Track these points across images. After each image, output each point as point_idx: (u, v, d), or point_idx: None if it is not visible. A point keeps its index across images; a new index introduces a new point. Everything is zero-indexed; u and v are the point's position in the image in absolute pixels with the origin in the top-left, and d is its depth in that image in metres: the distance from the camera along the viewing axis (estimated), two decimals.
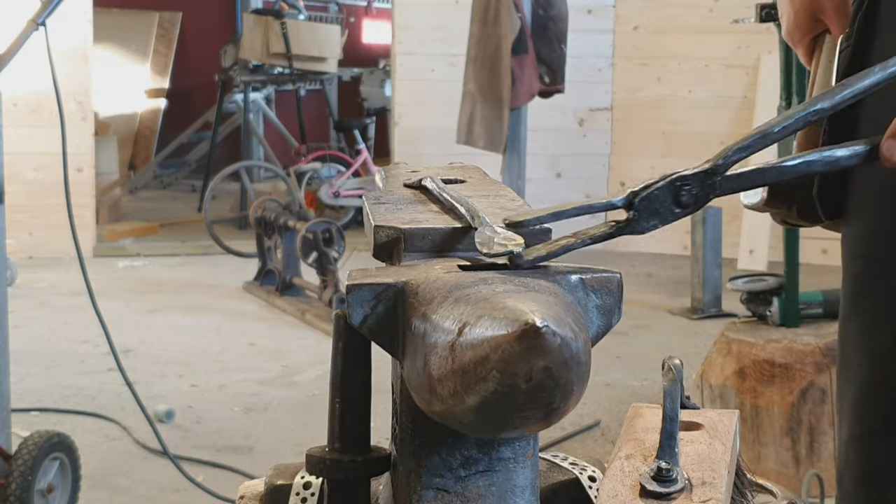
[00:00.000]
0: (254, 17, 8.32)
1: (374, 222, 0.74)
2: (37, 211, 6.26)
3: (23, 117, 6.13)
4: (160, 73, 9.44)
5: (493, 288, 0.61)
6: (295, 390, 4.03)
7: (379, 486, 0.80)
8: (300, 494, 0.80)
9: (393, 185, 0.90)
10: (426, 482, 0.69)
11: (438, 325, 0.59)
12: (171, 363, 4.34)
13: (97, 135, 7.27)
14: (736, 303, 3.64)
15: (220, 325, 4.97)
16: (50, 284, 5.73)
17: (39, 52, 2.71)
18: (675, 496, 0.70)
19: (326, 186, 7.23)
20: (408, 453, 0.69)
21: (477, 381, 0.56)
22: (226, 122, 8.87)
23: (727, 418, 0.80)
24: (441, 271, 0.66)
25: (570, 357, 0.55)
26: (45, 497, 2.58)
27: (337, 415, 0.75)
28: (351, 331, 0.72)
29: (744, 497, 0.80)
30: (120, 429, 3.55)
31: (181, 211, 8.28)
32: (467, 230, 0.73)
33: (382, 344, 0.65)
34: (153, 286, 5.86)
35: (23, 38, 2.65)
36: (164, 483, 3.11)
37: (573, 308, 0.63)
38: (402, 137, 6.82)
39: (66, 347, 4.52)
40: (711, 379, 3.10)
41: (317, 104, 9.47)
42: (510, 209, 0.79)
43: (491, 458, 0.69)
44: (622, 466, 0.73)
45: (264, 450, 3.40)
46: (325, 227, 5.11)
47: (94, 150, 6.71)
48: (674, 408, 0.72)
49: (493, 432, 0.62)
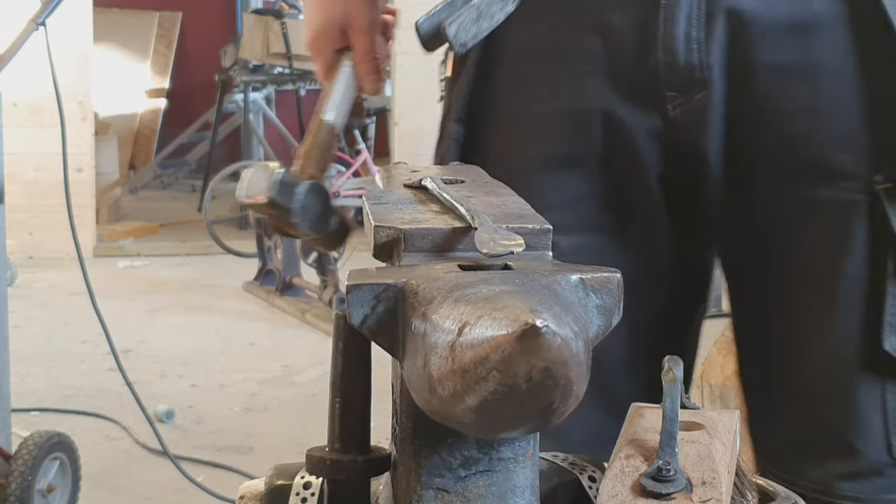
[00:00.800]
0: (254, 17, 8.31)
1: (374, 222, 0.74)
2: (37, 211, 6.26)
3: (23, 117, 6.13)
4: (160, 73, 9.44)
5: (493, 288, 0.61)
6: (295, 390, 4.03)
7: (379, 486, 0.80)
8: (300, 494, 0.80)
9: (393, 185, 0.90)
10: (426, 482, 0.69)
11: (438, 325, 0.59)
12: (171, 363, 4.33)
13: (97, 135, 7.27)
14: None
15: (220, 325, 4.97)
16: (50, 284, 5.73)
17: (39, 52, 2.71)
18: (675, 496, 0.70)
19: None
20: (408, 453, 0.69)
21: (477, 381, 0.56)
22: (226, 122, 8.86)
23: (727, 418, 0.80)
24: (441, 271, 0.66)
25: (570, 357, 0.55)
26: (45, 497, 2.58)
27: (337, 415, 0.75)
28: (351, 331, 0.72)
29: (744, 497, 0.80)
30: (120, 429, 3.55)
31: (181, 211, 8.27)
32: (467, 230, 0.73)
33: (382, 344, 0.65)
34: (153, 286, 5.86)
35: (23, 38, 2.65)
36: (164, 483, 3.11)
37: (573, 308, 0.63)
38: (402, 137, 6.82)
39: (66, 347, 4.52)
40: (711, 379, 3.10)
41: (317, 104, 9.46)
42: (511, 209, 0.79)
43: (491, 458, 0.69)
44: (622, 466, 0.73)
45: (264, 450, 3.40)
46: None
47: (94, 150, 6.71)
48: (674, 408, 0.72)
49: (493, 432, 0.62)
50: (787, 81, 1.07)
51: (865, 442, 1.07)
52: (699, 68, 1.08)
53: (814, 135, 1.07)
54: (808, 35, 1.06)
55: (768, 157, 1.10)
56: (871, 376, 1.07)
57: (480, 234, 0.69)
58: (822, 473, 1.07)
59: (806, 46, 1.06)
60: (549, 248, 0.73)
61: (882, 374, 1.07)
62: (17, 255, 5.85)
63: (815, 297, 1.09)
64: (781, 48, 1.07)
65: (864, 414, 1.07)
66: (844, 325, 1.07)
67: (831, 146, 1.07)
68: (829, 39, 1.06)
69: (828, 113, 1.07)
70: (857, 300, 1.06)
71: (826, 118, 1.07)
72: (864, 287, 1.06)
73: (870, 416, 1.07)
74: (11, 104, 5.84)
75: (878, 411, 1.06)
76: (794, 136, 1.08)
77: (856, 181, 1.07)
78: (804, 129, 1.07)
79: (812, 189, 1.09)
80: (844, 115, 1.07)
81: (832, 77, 1.06)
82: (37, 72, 4.47)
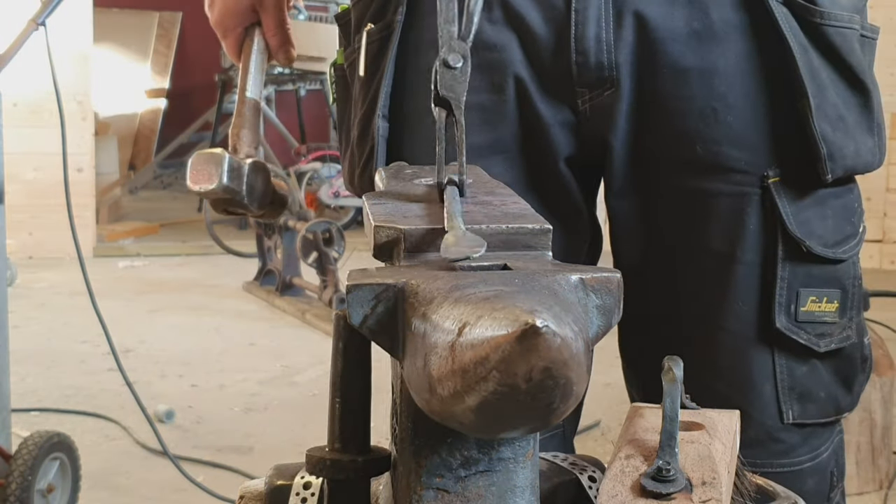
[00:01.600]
0: None
1: (374, 222, 0.74)
2: (37, 211, 6.26)
3: (23, 117, 6.13)
4: (160, 73, 9.44)
5: (493, 288, 0.61)
6: (295, 390, 4.03)
7: (379, 486, 0.80)
8: (300, 494, 0.80)
9: (393, 184, 0.90)
10: (426, 482, 0.69)
11: (438, 325, 0.59)
12: (171, 363, 4.34)
13: (97, 135, 7.27)
14: None
15: (220, 325, 4.97)
16: (50, 284, 5.73)
17: (39, 52, 2.71)
18: (675, 496, 0.70)
19: (326, 186, 7.22)
20: (408, 453, 0.69)
21: (477, 381, 0.56)
22: (226, 122, 8.85)
23: (727, 418, 0.80)
24: (441, 271, 0.66)
25: (570, 357, 0.55)
26: (45, 497, 2.58)
27: (337, 415, 0.75)
28: (351, 331, 0.72)
29: (744, 497, 0.80)
30: (120, 429, 3.55)
31: (181, 211, 8.28)
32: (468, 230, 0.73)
33: (382, 344, 0.65)
34: (153, 286, 5.86)
35: (23, 38, 2.65)
36: (165, 483, 3.11)
37: (573, 308, 0.63)
38: None
39: (66, 347, 4.52)
40: None
41: (317, 104, 9.47)
42: (510, 209, 0.79)
43: (491, 458, 0.69)
44: (622, 466, 0.73)
45: (264, 450, 3.40)
46: (325, 227, 5.11)
47: (94, 150, 6.71)
48: (674, 408, 0.72)
49: (493, 432, 0.62)
50: (687, 83, 1.15)
51: (760, 410, 1.17)
52: (608, 68, 1.16)
53: (711, 133, 1.16)
54: (706, 41, 1.15)
55: (669, 152, 1.18)
56: (763, 351, 1.17)
57: (446, 238, 0.70)
58: None
59: (704, 52, 1.15)
60: (548, 248, 0.73)
61: (772, 348, 1.17)
62: (17, 255, 5.85)
63: (713, 281, 1.18)
64: (682, 52, 1.15)
65: (757, 385, 1.17)
66: (740, 306, 1.17)
67: (726, 144, 1.16)
68: (725, 46, 1.15)
69: (723, 113, 1.15)
70: (750, 283, 1.16)
71: (721, 118, 1.15)
72: (756, 271, 1.16)
73: (762, 387, 1.17)
74: (11, 104, 5.85)
75: (770, 381, 1.17)
76: (693, 133, 1.16)
77: (748, 175, 1.16)
78: (702, 128, 1.16)
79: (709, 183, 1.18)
80: (739, 115, 1.15)
81: (728, 81, 1.15)
82: (37, 72, 4.48)
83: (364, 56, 1.21)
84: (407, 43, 1.19)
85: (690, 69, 1.15)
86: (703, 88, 1.15)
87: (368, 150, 1.22)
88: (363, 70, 1.22)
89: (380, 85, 1.20)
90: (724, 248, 1.17)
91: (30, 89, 5.89)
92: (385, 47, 1.19)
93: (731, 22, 1.14)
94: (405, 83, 1.20)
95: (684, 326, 1.20)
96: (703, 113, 1.15)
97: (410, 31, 1.19)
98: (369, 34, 1.21)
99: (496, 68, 1.18)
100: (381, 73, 1.20)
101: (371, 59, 1.21)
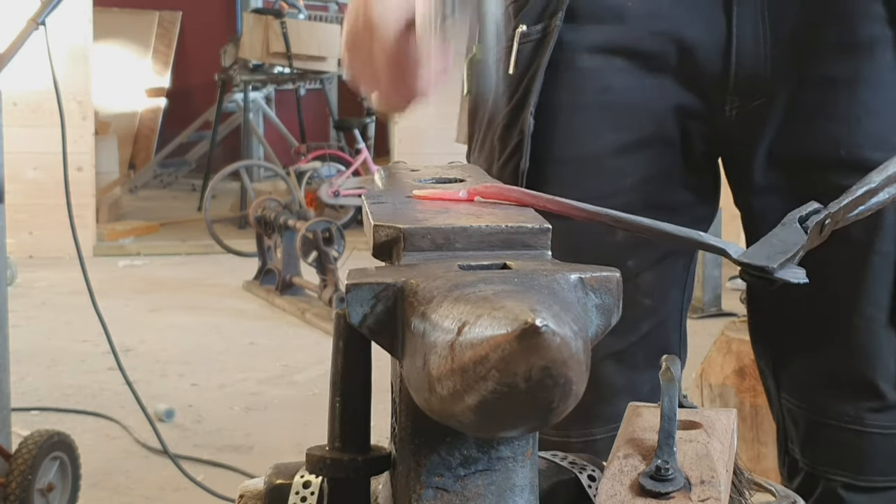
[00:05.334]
0: (254, 16, 8.31)
1: (374, 222, 0.74)
2: (37, 210, 6.26)
3: (23, 117, 6.13)
4: (160, 73, 9.44)
5: (492, 287, 0.61)
6: (295, 389, 4.03)
7: (379, 486, 0.80)
8: (300, 493, 0.80)
9: (393, 184, 0.90)
10: (426, 481, 0.69)
11: (438, 324, 0.60)
12: (171, 362, 4.34)
13: (97, 134, 7.27)
14: (735, 302, 3.65)
15: (220, 325, 4.97)
16: (50, 284, 5.73)
17: (39, 52, 2.71)
18: (674, 495, 0.70)
19: (326, 186, 7.22)
20: (407, 452, 0.69)
21: (476, 380, 0.56)
22: (226, 121, 8.86)
23: (725, 417, 0.80)
24: (440, 270, 0.66)
25: (570, 356, 0.55)
26: (45, 496, 2.58)
27: (337, 414, 0.75)
28: (351, 330, 0.72)
29: (742, 496, 0.80)
30: (120, 428, 3.55)
31: (181, 210, 8.28)
32: (467, 229, 0.73)
33: (382, 343, 0.65)
34: (153, 285, 5.86)
35: (23, 37, 2.65)
36: (165, 482, 3.11)
37: (572, 307, 0.63)
38: (402, 137, 6.81)
39: (66, 347, 4.52)
40: (711, 378, 3.10)
41: (317, 103, 9.47)
42: (510, 209, 0.79)
43: (490, 457, 0.69)
44: (621, 466, 0.73)
45: (264, 449, 3.40)
46: (324, 226, 5.11)
47: (94, 150, 6.71)
48: (672, 407, 0.73)
49: (493, 432, 0.63)
50: (834, 93, 1.24)
51: (888, 384, 1.31)
52: (764, 81, 1.25)
53: (855, 138, 1.25)
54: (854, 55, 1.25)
55: (813, 154, 1.27)
56: (892, 332, 1.30)
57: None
58: (854, 409, 1.30)
59: (851, 64, 1.25)
60: (548, 248, 0.73)
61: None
62: (17, 255, 5.85)
63: (852, 268, 1.29)
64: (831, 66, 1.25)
65: (886, 361, 1.31)
66: (876, 293, 1.29)
67: (868, 147, 1.25)
68: (872, 58, 1.24)
69: (866, 120, 1.25)
70: (886, 272, 1.28)
71: (864, 124, 1.25)
72: (891, 261, 1.28)
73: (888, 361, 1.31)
74: (11, 103, 5.84)
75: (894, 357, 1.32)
76: (837, 138, 1.26)
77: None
78: (846, 133, 1.25)
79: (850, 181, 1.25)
80: (882, 121, 1.25)
81: (872, 90, 1.25)
82: (37, 71, 4.47)
83: (515, 55, 1.27)
84: (562, 45, 1.25)
85: (838, 80, 1.24)
86: (849, 97, 1.24)
87: (514, 144, 1.27)
88: (512, 68, 1.27)
89: (531, 84, 1.25)
90: (863, 238, 1.26)
91: (30, 89, 5.89)
92: (540, 49, 1.25)
93: (878, 37, 1.24)
94: (557, 83, 1.26)
95: (824, 309, 1.31)
96: (849, 120, 1.25)
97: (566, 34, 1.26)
98: (522, 35, 1.26)
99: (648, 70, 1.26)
100: (532, 73, 1.26)
101: (523, 59, 1.27)
